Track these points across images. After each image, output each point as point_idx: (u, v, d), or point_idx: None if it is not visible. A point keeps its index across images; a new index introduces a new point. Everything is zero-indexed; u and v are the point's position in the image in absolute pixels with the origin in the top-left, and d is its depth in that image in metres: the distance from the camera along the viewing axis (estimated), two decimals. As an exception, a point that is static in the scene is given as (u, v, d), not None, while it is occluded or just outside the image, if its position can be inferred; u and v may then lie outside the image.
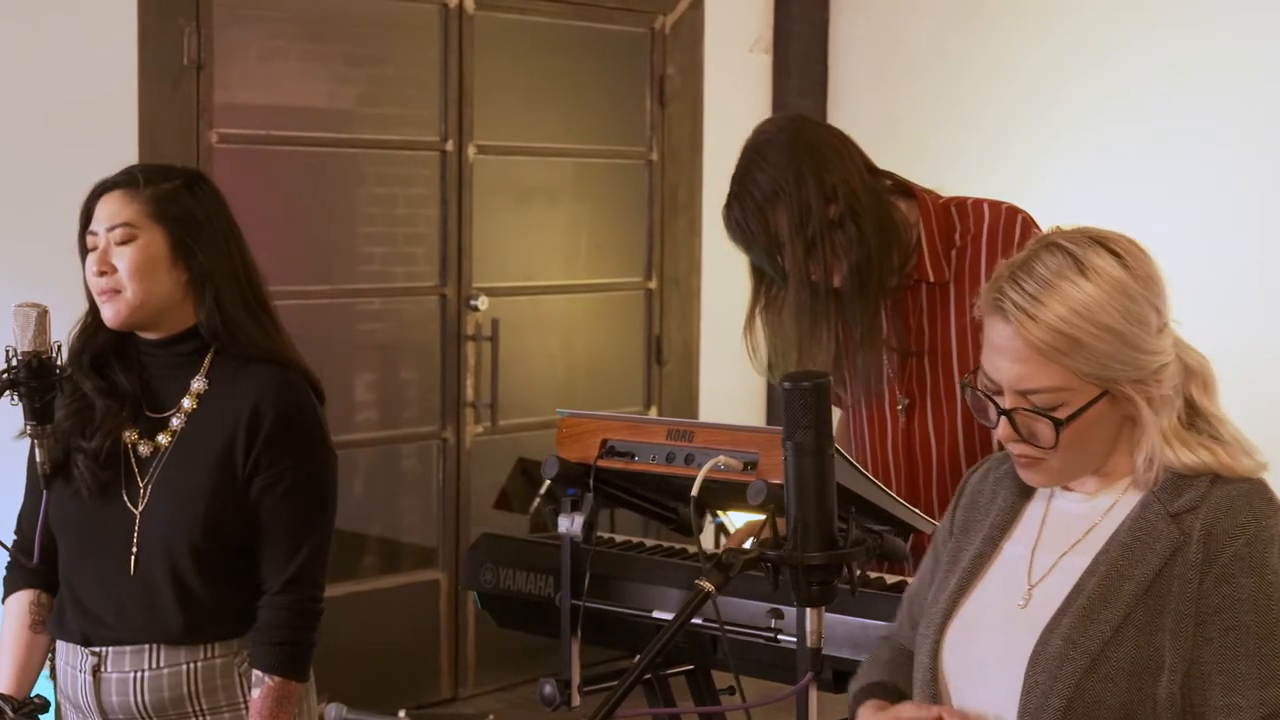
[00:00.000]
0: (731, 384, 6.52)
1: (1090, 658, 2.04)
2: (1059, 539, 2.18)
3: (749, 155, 3.26)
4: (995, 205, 3.33)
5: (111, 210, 3.00)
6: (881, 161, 3.15)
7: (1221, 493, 2.09)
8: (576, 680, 3.09)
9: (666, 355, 6.63)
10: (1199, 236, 6.30)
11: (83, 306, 3.08)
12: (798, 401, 2.09)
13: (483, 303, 6.03)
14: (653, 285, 6.64)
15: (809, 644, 2.11)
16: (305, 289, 5.78)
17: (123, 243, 2.97)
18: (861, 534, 2.09)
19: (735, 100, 6.67)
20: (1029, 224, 3.31)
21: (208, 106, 5.31)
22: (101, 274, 2.98)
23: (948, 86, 6.79)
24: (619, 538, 3.42)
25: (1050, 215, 6.71)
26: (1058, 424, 2.08)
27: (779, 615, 2.86)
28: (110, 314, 2.99)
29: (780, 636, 2.86)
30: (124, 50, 5.12)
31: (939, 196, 3.35)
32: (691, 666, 3.26)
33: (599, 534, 3.39)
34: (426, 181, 6.01)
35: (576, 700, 3.09)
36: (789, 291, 3.23)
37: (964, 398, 2.18)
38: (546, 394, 6.33)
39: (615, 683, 3.18)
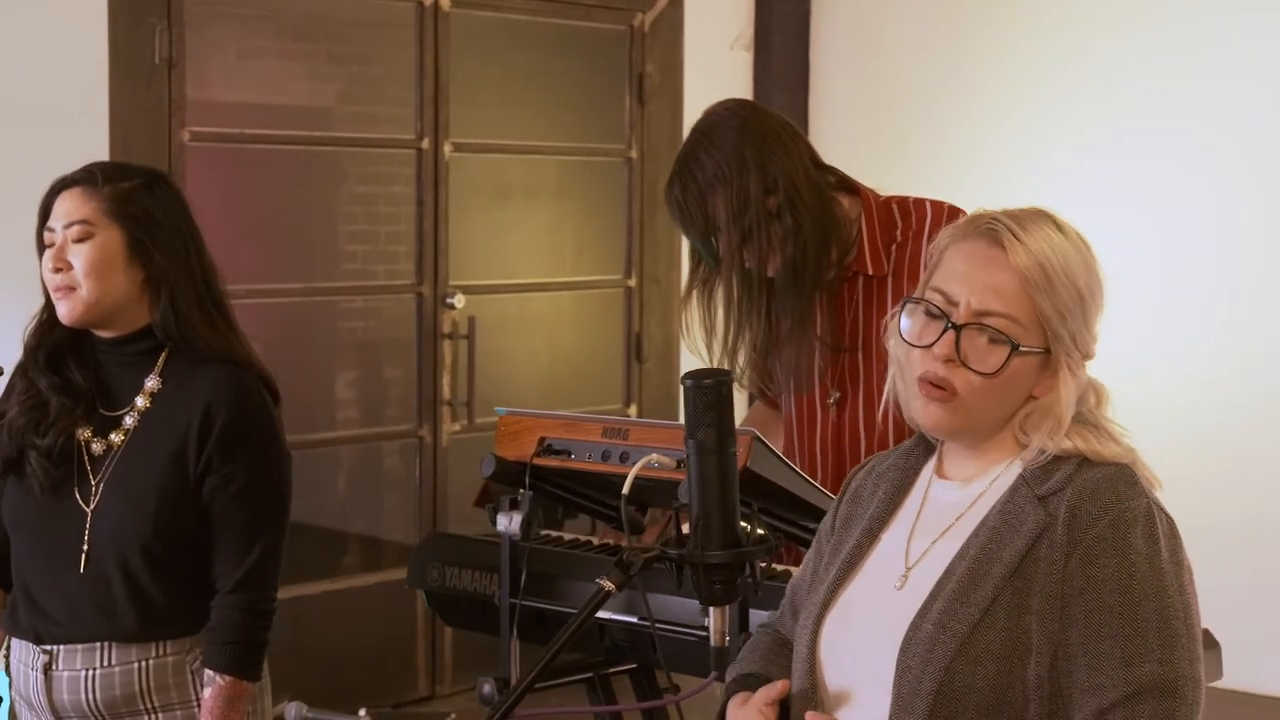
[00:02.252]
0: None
1: (959, 641, 2.04)
2: (934, 525, 2.18)
3: (696, 137, 3.29)
4: (938, 204, 3.35)
5: (69, 207, 3.00)
6: (862, 157, 3.16)
7: (1087, 475, 2.10)
8: (516, 679, 3.09)
9: (646, 353, 6.62)
10: (1183, 235, 6.29)
11: None
12: (699, 399, 2.08)
13: (459, 301, 6.02)
14: (632, 283, 6.63)
15: (713, 643, 2.11)
16: (282, 287, 5.78)
17: (79, 240, 2.98)
18: (764, 532, 2.08)
19: (716, 97, 6.51)
20: None
21: (179, 105, 5.30)
22: (57, 271, 2.99)
23: (929, 83, 6.78)
24: (568, 536, 3.42)
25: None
26: (1014, 348, 2.09)
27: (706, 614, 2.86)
28: (65, 311, 3.00)
29: (691, 632, 2.86)
30: (94, 48, 5.11)
31: (880, 195, 3.36)
32: (634, 665, 3.26)
33: (547, 532, 3.40)
34: (403, 180, 6.00)
35: (516, 700, 3.08)
36: (721, 277, 3.25)
37: (899, 316, 2.18)
38: (526, 392, 6.33)
39: (555, 681, 3.21)
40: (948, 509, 2.18)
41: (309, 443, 5.80)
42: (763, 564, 3.09)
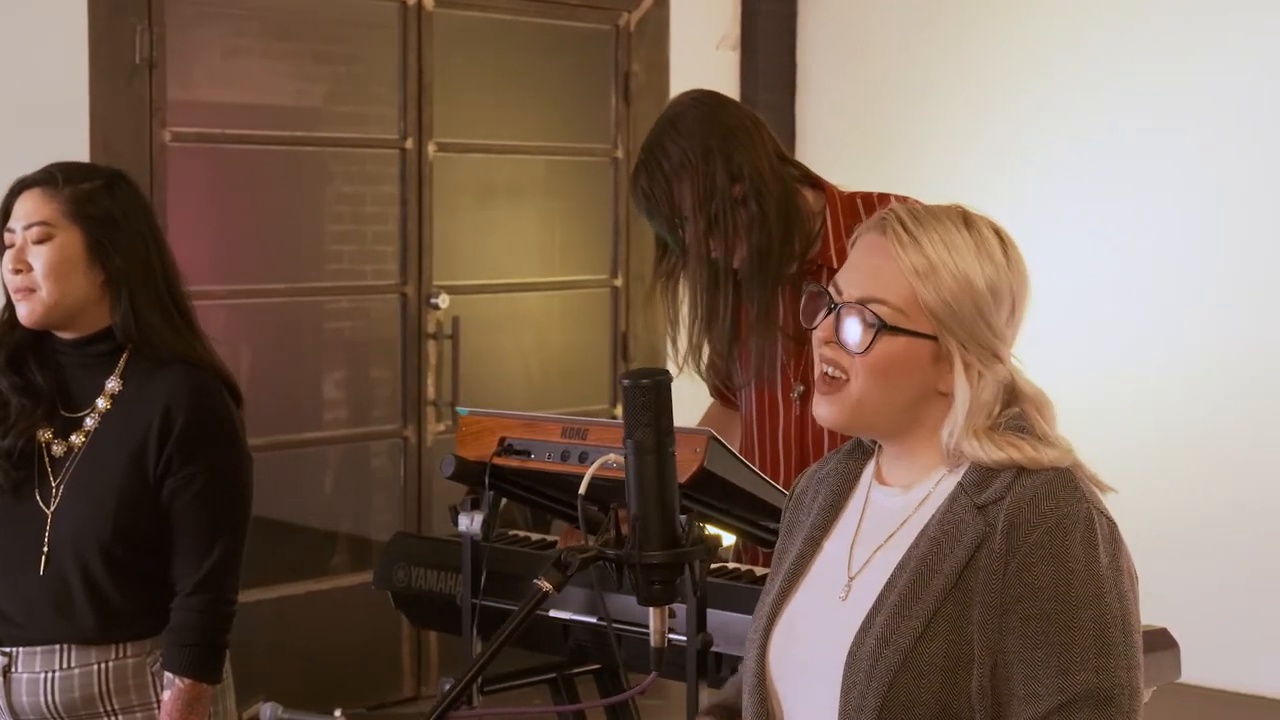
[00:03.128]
0: (698, 381, 6.49)
1: (903, 655, 2.02)
2: (875, 533, 2.17)
3: (662, 126, 3.31)
4: (902, 199, 3.34)
5: (29, 208, 3.00)
6: (850, 156, 3.15)
7: (1026, 483, 2.07)
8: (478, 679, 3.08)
9: (633, 353, 6.61)
10: (1176, 233, 6.28)
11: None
12: (637, 399, 2.08)
13: (443, 300, 6.01)
14: (618, 283, 6.62)
15: (653, 643, 2.10)
16: (268, 287, 5.78)
17: (39, 241, 2.97)
18: (715, 531, 2.08)
19: (703, 98, 6.63)
20: None
21: (160, 105, 5.30)
22: (17, 272, 2.98)
23: (916, 82, 6.77)
24: (535, 536, 3.42)
25: (1018, 211, 6.71)
26: (881, 327, 2.08)
27: (670, 614, 2.85)
28: (24, 312, 2.99)
29: (671, 635, 2.85)
30: (74, 48, 5.12)
31: (845, 190, 3.37)
32: (599, 666, 3.26)
33: (515, 533, 3.39)
34: (388, 179, 6.00)
35: (477, 700, 3.08)
36: (688, 266, 3.26)
37: (803, 300, 2.19)
38: (512, 392, 6.33)
39: (519, 682, 3.21)
40: (889, 516, 2.16)
41: (295, 443, 5.82)
42: (733, 564, 3.12)
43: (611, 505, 2.15)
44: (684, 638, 2.82)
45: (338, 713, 2.84)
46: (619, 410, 6.55)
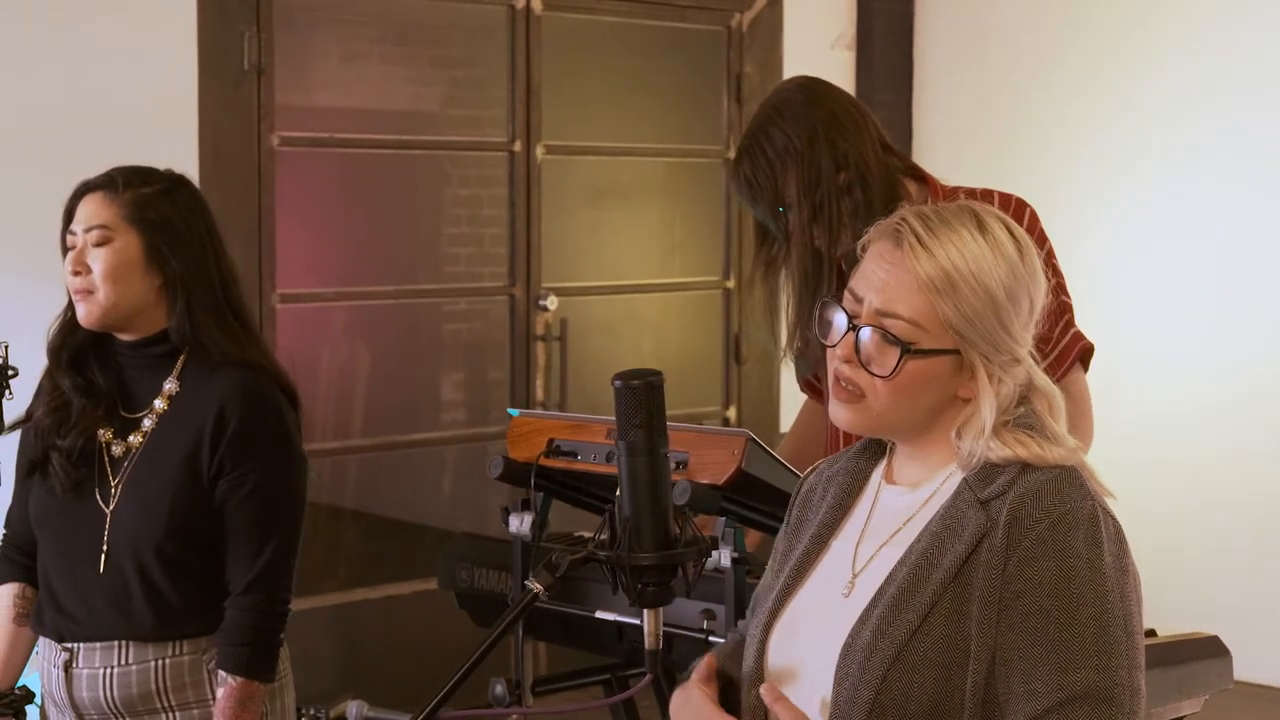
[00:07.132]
0: (807, 374, 6.47)
1: (897, 648, 2.01)
2: (881, 531, 2.15)
3: (766, 112, 3.26)
4: (1005, 196, 3.29)
5: (90, 211, 3.05)
6: (967, 157, 3.08)
7: (1030, 479, 2.06)
8: (529, 680, 3.10)
9: (745, 354, 6.59)
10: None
11: None
12: (629, 400, 2.07)
13: (551, 302, 6.03)
14: (730, 285, 6.60)
15: (647, 645, 2.09)
16: (378, 289, 5.85)
17: (99, 244, 3.02)
18: (696, 534, 2.07)
19: (818, 98, 6.59)
20: (1035, 216, 3.27)
21: (269, 110, 5.38)
22: (76, 274, 3.04)
23: (1034, 81, 6.69)
24: (594, 535, 3.42)
25: (1138, 213, 6.55)
26: (905, 350, 2.06)
27: (711, 616, 2.85)
28: (83, 314, 3.05)
29: (712, 637, 2.85)
30: (184, 55, 5.21)
31: (948, 185, 3.32)
32: (654, 667, 3.25)
33: (580, 534, 3.40)
34: (500, 182, 6.04)
35: (529, 700, 3.10)
36: (792, 254, 3.22)
37: (815, 312, 2.17)
38: (623, 394, 6.33)
39: (575, 682, 3.21)
40: (895, 514, 2.15)
41: (408, 443, 5.88)
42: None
43: (606, 506, 2.15)
44: (723, 640, 2.81)
45: (421, 713, 2.86)
46: (730, 412, 6.58)
